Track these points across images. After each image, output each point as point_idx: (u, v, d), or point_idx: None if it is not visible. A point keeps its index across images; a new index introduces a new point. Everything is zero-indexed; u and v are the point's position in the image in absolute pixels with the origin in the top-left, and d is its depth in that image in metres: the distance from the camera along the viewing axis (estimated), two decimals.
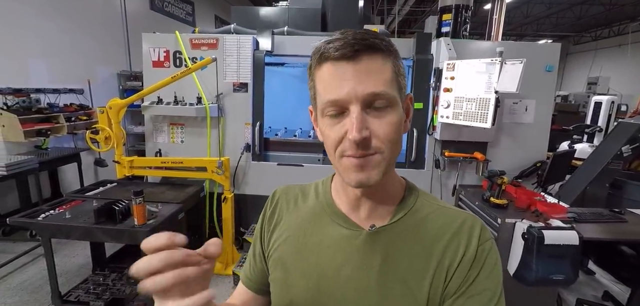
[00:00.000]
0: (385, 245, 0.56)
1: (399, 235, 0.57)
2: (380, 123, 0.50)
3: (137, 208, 1.92)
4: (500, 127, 2.86)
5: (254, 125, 3.04)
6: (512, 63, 2.23)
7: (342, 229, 0.59)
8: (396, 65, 0.52)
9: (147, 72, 3.04)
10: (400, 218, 0.58)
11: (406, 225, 0.58)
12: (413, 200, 0.60)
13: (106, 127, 2.57)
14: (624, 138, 2.88)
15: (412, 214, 0.59)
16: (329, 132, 0.53)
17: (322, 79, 0.52)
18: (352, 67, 0.49)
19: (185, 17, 7.17)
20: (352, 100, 0.49)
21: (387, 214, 0.59)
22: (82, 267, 2.88)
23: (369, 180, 0.51)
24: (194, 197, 2.62)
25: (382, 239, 0.57)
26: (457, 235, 0.56)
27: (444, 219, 0.58)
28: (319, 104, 0.54)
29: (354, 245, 0.58)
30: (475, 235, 0.55)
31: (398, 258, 0.56)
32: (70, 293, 2.22)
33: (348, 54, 0.48)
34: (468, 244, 0.55)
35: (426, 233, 0.57)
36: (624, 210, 2.52)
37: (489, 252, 0.54)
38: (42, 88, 3.81)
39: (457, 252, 0.54)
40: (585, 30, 13.89)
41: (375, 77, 0.49)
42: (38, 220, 1.96)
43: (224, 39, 2.95)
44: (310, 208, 0.65)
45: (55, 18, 4.03)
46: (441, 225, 0.57)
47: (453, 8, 3.44)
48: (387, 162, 0.52)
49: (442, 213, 0.59)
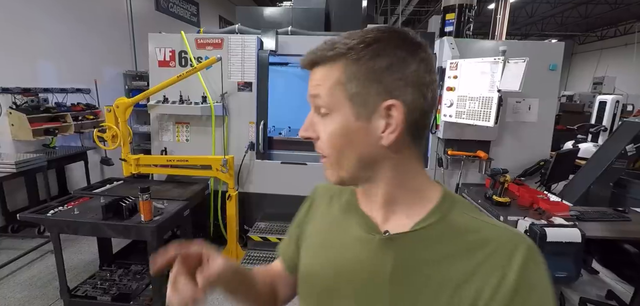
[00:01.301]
0: (399, 254, 0.52)
1: (419, 244, 0.52)
2: (322, 128, 0.52)
3: (143, 205, 1.96)
4: (504, 125, 2.87)
5: (258, 124, 3.08)
6: (514, 62, 2.24)
7: (361, 231, 0.58)
8: (349, 70, 0.48)
9: (153, 72, 3.09)
10: (424, 227, 0.52)
11: (430, 234, 0.52)
12: (444, 210, 0.54)
13: (113, 126, 2.62)
14: (628, 137, 2.87)
15: (439, 225, 0.52)
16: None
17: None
18: (311, 73, 0.53)
19: (190, 17, 7.23)
20: (310, 102, 0.53)
21: (410, 220, 0.54)
22: (89, 264, 2.93)
23: (329, 179, 0.55)
24: (199, 195, 2.66)
25: (394, 247, 0.53)
26: (492, 255, 0.47)
27: (480, 236, 0.49)
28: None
29: (368, 248, 0.56)
30: (517, 259, 0.45)
31: (413, 268, 0.51)
32: (78, 288, 2.26)
33: (303, 64, 0.54)
34: (506, 270, 0.45)
35: (453, 249, 0.50)
36: (628, 209, 2.51)
37: (536, 284, 0.44)
38: (50, 88, 3.88)
39: (489, 279, 0.46)
40: (590, 29, 13.80)
41: (314, 84, 0.51)
42: (47, 216, 2.01)
43: (228, 38, 2.99)
44: (341, 206, 0.65)
45: (63, 19, 4.09)
46: (473, 242, 0.49)
47: (456, 7, 3.45)
48: (339, 166, 0.52)
49: (478, 228, 0.50)
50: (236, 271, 0.60)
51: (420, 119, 0.50)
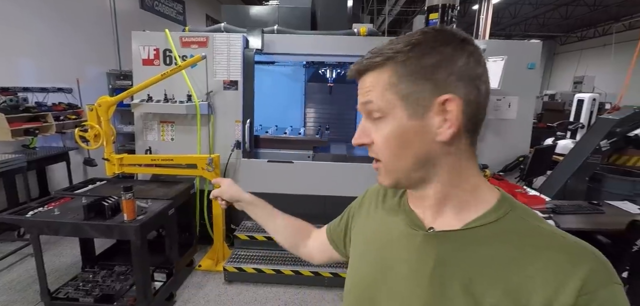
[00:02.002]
0: (441, 252, 0.52)
1: (466, 244, 0.50)
2: (376, 132, 0.53)
3: (126, 204, 1.94)
4: (485, 122, 2.90)
5: (244, 123, 3.07)
6: (493, 60, 2.31)
7: (407, 228, 0.59)
8: (398, 71, 0.49)
9: (136, 70, 3.05)
10: (475, 227, 0.51)
11: (481, 235, 0.50)
12: (500, 212, 0.51)
13: (95, 125, 2.58)
14: (602, 133, 2.99)
15: (492, 228, 0.50)
16: None
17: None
18: (359, 82, 0.55)
19: (176, 15, 7.14)
20: (360, 110, 0.56)
21: (456, 221, 0.53)
22: (71, 266, 2.88)
23: (382, 183, 0.57)
24: (184, 194, 2.64)
25: (438, 243, 0.53)
26: (547, 267, 0.43)
27: (536, 243, 0.46)
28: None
29: (413, 243, 0.56)
30: (578, 275, 0.40)
31: (455, 268, 0.50)
32: (60, 290, 2.23)
33: (351, 76, 0.56)
34: (563, 284, 0.40)
35: (502, 253, 0.47)
36: (602, 202, 2.62)
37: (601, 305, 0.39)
38: (30, 87, 3.79)
39: (541, 291, 0.42)
40: (571, 30, 14.20)
41: (365, 91, 0.53)
42: (27, 217, 1.97)
43: (213, 37, 2.98)
44: (390, 206, 0.67)
45: (44, 16, 4.00)
46: (528, 250, 0.45)
47: (439, 7, 3.51)
48: (393, 170, 0.53)
49: (537, 236, 0.46)
50: (249, 203, 0.96)
51: (477, 112, 0.50)
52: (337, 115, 4.08)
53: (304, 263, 2.73)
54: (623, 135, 2.90)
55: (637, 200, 2.91)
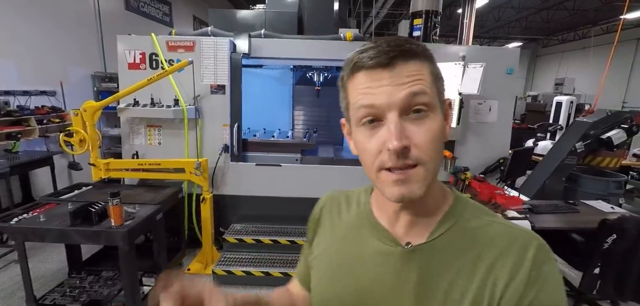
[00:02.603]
0: (422, 265, 0.52)
1: (437, 253, 0.52)
2: (420, 131, 0.47)
3: (113, 209, 1.95)
4: (467, 126, 3.04)
5: (232, 127, 3.10)
6: (473, 67, 2.40)
7: (380, 244, 0.57)
8: (434, 70, 0.50)
9: (122, 74, 3.04)
10: (441, 235, 0.53)
11: (447, 241, 0.53)
12: (458, 214, 0.55)
13: (81, 130, 2.56)
14: (577, 135, 3.13)
15: (455, 229, 0.53)
16: (366, 144, 0.50)
17: (356, 88, 0.50)
18: (388, 72, 0.47)
19: (162, 17, 7.08)
20: (390, 105, 0.46)
21: (427, 229, 0.54)
22: (57, 272, 2.84)
23: (411, 194, 0.47)
24: (172, 198, 2.65)
25: (418, 258, 0.53)
26: (505, 255, 0.49)
27: (492, 235, 0.51)
28: (352, 113, 0.51)
29: (389, 262, 0.55)
30: (529, 255, 0.48)
31: (436, 279, 0.51)
32: (46, 296, 2.21)
33: (383, 61, 0.47)
34: (518, 266, 0.47)
35: (470, 251, 0.51)
36: (578, 202, 2.74)
37: (546, 278, 0.46)
38: (11, 90, 3.71)
39: (501, 276, 0.48)
40: (552, 33, 14.63)
41: (413, 80, 0.47)
42: (11, 224, 1.95)
43: (200, 41, 2.99)
44: (351, 219, 0.64)
45: (25, 17, 3.92)
46: (487, 242, 0.51)
47: (423, 13, 3.62)
48: (431, 173, 0.49)
49: (492, 229, 0.52)
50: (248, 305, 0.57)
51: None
52: (325, 117, 4.14)
53: (293, 264, 2.78)
54: (596, 137, 3.04)
55: (611, 199, 3.06)
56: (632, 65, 11.63)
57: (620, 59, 11.49)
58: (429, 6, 3.66)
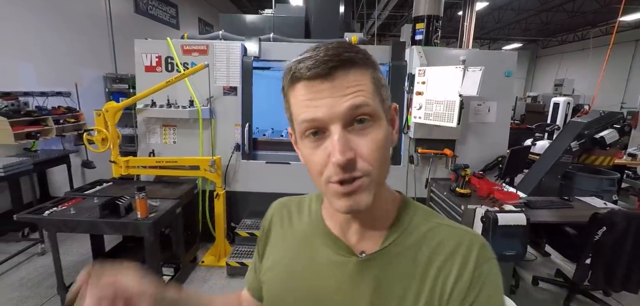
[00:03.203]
0: (377, 273, 0.53)
1: (391, 260, 0.53)
2: (364, 142, 0.46)
3: (140, 203, 2.11)
4: (467, 126, 3.19)
5: (243, 126, 3.25)
6: (472, 70, 2.56)
7: (333, 253, 0.57)
8: (376, 77, 0.49)
9: (139, 77, 3.19)
10: (393, 242, 0.54)
11: (399, 248, 0.54)
12: (408, 219, 0.56)
13: (103, 129, 2.72)
14: (572, 135, 3.28)
15: (407, 235, 0.55)
16: (311, 156, 0.49)
17: (296, 100, 0.48)
18: (328, 84, 0.45)
19: (169, 19, 7.24)
20: (332, 118, 0.45)
21: (379, 237, 0.55)
22: (77, 263, 3.00)
23: (359, 206, 0.47)
24: (188, 194, 2.81)
25: (372, 266, 0.54)
26: (452, 256, 0.51)
27: (440, 238, 0.54)
28: (296, 125, 0.50)
29: (344, 272, 0.55)
30: (472, 257, 0.51)
31: (391, 286, 0.52)
32: (73, 284, 2.36)
33: (322, 72, 0.45)
34: (463, 267, 0.50)
35: (420, 256, 0.53)
36: (573, 198, 2.89)
37: (487, 276, 0.50)
38: (30, 91, 3.88)
39: (450, 276, 0.50)
40: (552, 35, 14.77)
41: (353, 91, 0.45)
42: (44, 216, 2.11)
43: (213, 45, 3.15)
44: (302, 229, 0.63)
45: (43, 22, 4.09)
46: (436, 246, 0.53)
47: (425, 18, 3.77)
48: (377, 182, 0.48)
49: (439, 232, 0.54)
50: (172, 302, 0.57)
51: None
52: None
53: None
54: (590, 137, 3.18)
55: (604, 195, 3.20)
56: (631, 66, 11.78)
57: (619, 60, 11.64)
58: (430, 11, 3.81)
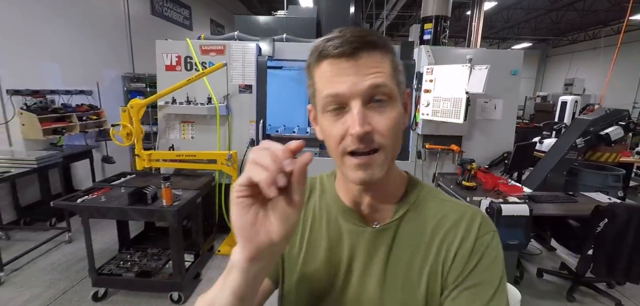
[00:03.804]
0: (389, 242, 0.59)
1: (401, 231, 0.59)
2: (381, 118, 0.51)
3: (165, 191, 2.27)
4: (473, 122, 3.29)
5: (258, 123, 3.41)
6: (479, 68, 2.66)
7: (350, 225, 0.62)
8: (394, 62, 0.53)
9: (160, 75, 3.37)
10: (404, 215, 0.60)
11: (408, 220, 0.59)
12: (415, 195, 0.62)
13: (128, 124, 2.90)
14: (578, 132, 3.34)
15: (414, 209, 0.60)
16: (330, 129, 0.53)
17: (321, 76, 0.52)
18: (352, 63, 0.50)
19: (183, 20, 7.47)
20: (353, 94, 0.50)
21: (390, 210, 0.60)
22: (103, 250, 3.18)
23: (372, 177, 0.52)
24: (207, 185, 2.97)
25: (385, 235, 0.59)
26: (455, 227, 0.57)
27: (444, 212, 0.59)
28: (318, 101, 0.54)
29: (360, 240, 0.60)
30: (474, 227, 0.56)
31: (400, 253, 0.58)
32: (103, 267, 2.55)
33: (347, 51, 0.49)
34: (466, 235, 0.55)
35: (426, 227, 0.58)
36: (578, 193, 2.97)
37: (488, 245, 0.55)
38: (56, 90, 4.10)
39: (453, 243, 0.55)
40: (562, 34, 14.64)
41: (374, 71, 0.50)
42: (78, 203, 2.29)
43: (230, 45, 3.31)
44: (317, 203, 0.67)
45: (67, 25, 4.31)
46: (441, 218, 0.58)
47: (433, 18, 3.88)
48: (390, 158, 0.53)
49: (444, 207, 0.60)
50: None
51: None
52: None
53: None
54: (595, 134, 3.25)
55: (610, 191, 3.27)
56: None
57: (630, 59, 11.51)
58: (438, 11, 3.92)
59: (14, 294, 2.57)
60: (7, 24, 3.55)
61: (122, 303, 2.48)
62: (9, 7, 3.56)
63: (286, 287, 0.67)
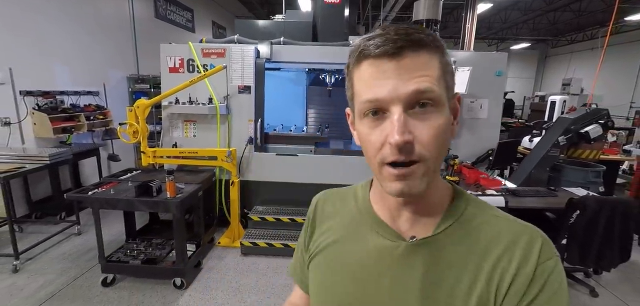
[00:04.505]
0: (427, 259, 0.52)
1: (443, 247, 0.52)
2: (424, 127, 0.45)
3: (169, 185, 2.47)
4: (461, 121, 3.47)
5: (256, 122, 3.60)
6: (462, 70, 2.84)
7: (382, 239, 0.56)
8: (444, 62, 0.48)
9: (164, 77, 3.58)
10: (446, 229, 0.53)
11: (452, 236, 0.53)
12: (462, 208, 0.55)
13: (134, 123, 3.10)
14: (560, 130, 3.51)
15: (460, 224, 0.53)
16: (369, 136, 0.49)
17: (361, 78, 0.49)
18: (394, 64, 0.45)
19: (186, 23, 7.68)
20: (394, 100, 0.45)
21: (431, 224, 0.54)
22: (111, 241, 3.39)
23: (411, 190, 0.47)
24: (208, 180, 3.17)
25: (423, 252, 0.53)
26: (511, 249, 0.49)
27: (497, 230, 0.52)
28: (356, 105, 0.50)
29: (393, 256, 0.54)
30: (535, 250, 0.48)
31: (442, 273, 0.51)
32: (112, 255, 2.75)
33: (390, 50, 0.45)
34: (524, 260, 0.48)
35: (475, 246, 0.51)
36: (559, 189, 3.14)
37: (551, 272, 0.47)
38: (66, 90, 4.31)
39: (509, 269, 0.48)
40: (561, 34, 14.75)
41: (420, 74, 0.45)
42: (89, 195, 2.49)
43: (230, 48, 3.51)
44: (349, 215, 0.63)
45: (75, 28, 4.53)
46: (493, 237, 0.51)
47: (424, 22, 4.06)
48: (432, 170, 0.48)
49: (496, 223, 0.53)
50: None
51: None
52: (336, 115, 4.61)
53: None
54: (576, 131, 3.42)
55: (591, 187, 3.43)
56: None
57: (628, 59, 11.63)
58: (429, 16, 4.10)
59: (29, 280, 2.77)
60: (21, 29, 3.77)
61: (129, 288, 2.68)
62: (22, 12, 3.78)
63: (314, 300, 0.64)
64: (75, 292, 2.63)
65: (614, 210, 2.47)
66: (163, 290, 2.66)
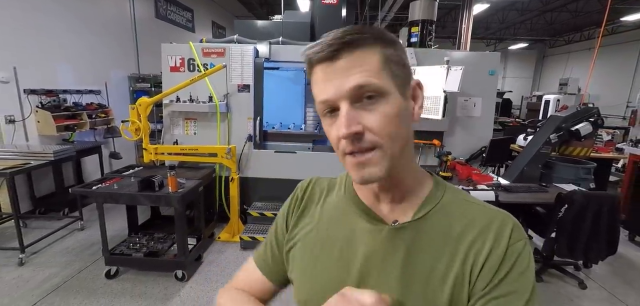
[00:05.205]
0: (408, 243, 0.56)
1: (422, 232, 0.56)
2: (372, 116, 0.49)
3: (171, 179, 2.55)
4: (455, 119, 3.56)
5: (255, 120, 3.69)
6: (455, 69, 2.93)
7: (366, 223, 0.60)
8: (386, 53, 0.50)
9: (165, 76, 3.66)
10: (425, 215, 0.56)
11: (431, 221, 0.56)
12: (439, 195, 0.58)
13: (137, 120, 3.18)
14: (552, 128, 3.60)
15: (438, 210, 0.57)
16: (329, 133, 0.53)
17: (315, 82, 0.52)
18: (333, 66, 0.49)
19: (186, 23, 7.76)
20: (339, 97, 0.49)
21: (411, 209, 0.57)
22: (114, 237, 3.46)
23: (371, 177, 0.50)
24: (208, 176, 3.25)
25: (405, 236, 0.56)
26: (484, 232, 0.53)
27: (472, 216, 0.55)
28: (317, 106, 0.54)
29: (377, 239, 0.57)
30: (506, 233, 0.52)
31: (421, 256, 0.55)
32: (115, 248, 2.83)
33: (328, 55, 0.49)
34: (496, 243, 0.52)
35: (452, 231, 0.55)
36: (551, 185, 3.23)
37: (520, 253, 0.51)
38: (68, 89, 4.39)
39: (483, 250, 0.52)
40: (558, 34, 14.85)
41: (358, 71, 0.48)
42: (93, 190, 2.58)
43: (230, 48, 3.59)
44: (335, 201, 0.67)
45: (78, 28, 4.61)
46: (468, 222, 0.55)
47: (420, 22, 4.15)
48: (390, 155, 0.50)
49: (471, 210, 0.56)
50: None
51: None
52: None
53: None
54: (567, 129, 3.50)
55: (581, 183, 3.52)
56: (637, 66, 11.83)
57: (625, 59, 11.75)
58: (424, 16, 4.18)
59: (35, 273, 2.86)
60: (25, 29, 3.85)
61: (132, 280, 2.77)
62: (26, 13, 3.86)
63: (297, 284, 0.66)
64: (80, 284, 2.71)
65: (600, 204, 2.56)
66: (165, 282, 2.75)
